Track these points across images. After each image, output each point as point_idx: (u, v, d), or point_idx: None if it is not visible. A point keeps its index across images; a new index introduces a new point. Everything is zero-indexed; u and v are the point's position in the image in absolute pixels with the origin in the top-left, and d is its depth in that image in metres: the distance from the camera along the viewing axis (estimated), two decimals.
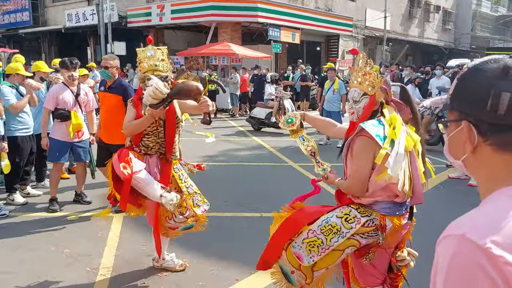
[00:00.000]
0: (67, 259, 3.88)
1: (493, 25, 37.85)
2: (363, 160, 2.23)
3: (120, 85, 4.98)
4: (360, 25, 25.10)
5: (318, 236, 2.25)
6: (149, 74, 3.20)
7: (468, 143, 0.91)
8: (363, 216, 2.26)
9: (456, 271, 0.78)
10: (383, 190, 2.23)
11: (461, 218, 0.86)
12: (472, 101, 0.90)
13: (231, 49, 16.49)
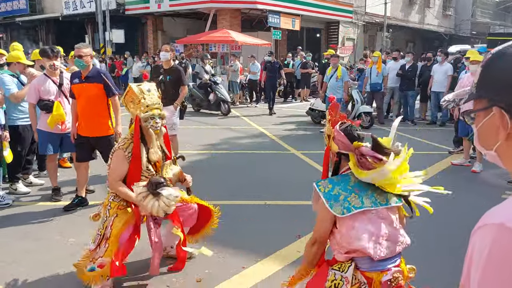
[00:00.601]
0: (72, 248, 3.87)
1: (493, 10, 37.54)
2: (322, 214, 2.19)
3: (98, 73, 4.78)
4: (360, 11, 24.88)
5: None
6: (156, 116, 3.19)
7: (502, 129, 0.88)
8: (347, 271, 2.13)
9: (496, 258, 0.76)
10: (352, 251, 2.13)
11: (497, 207, 0.84)
12: (502, 86, 0.87)
13: (230, 36, 16.36)
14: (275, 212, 4.85)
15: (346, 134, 2.21)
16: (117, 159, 3.19)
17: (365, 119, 9.96)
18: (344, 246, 2.14)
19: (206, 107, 12.71)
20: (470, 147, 6.89)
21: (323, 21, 23.28)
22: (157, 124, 3.20)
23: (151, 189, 3.03)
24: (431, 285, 3.27)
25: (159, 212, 3.03)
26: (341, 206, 2.11)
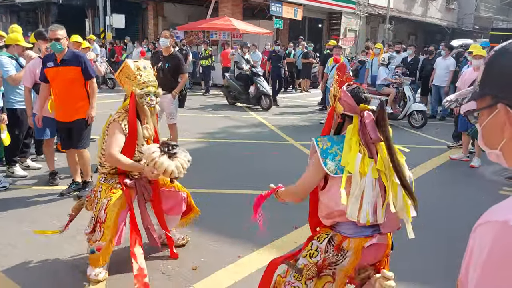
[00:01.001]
0: (68, 232, 3.86)
1: (497, 5, 37.28)
2: (309, 174, 2.18)
3: (75, 55, 4.58)
4: (363, 3, 24.69)
5: (294, 285, 2.18)
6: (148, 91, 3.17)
7: (508, 126, 0.87)
8: (321, 242, 2.16)
9: (497, 256, 0.75)
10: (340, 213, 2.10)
11: (500, 205, 0.83)
12: (506, 83, 0.86)
13: (232, 24, 16.23)
14: (272, 202, 4.83)
15: (353, 95, 2.17)
16: (114, 130, 3.14)
17: (417, 117, 9.38)
18: (330, 207, 2.11)
19: (244, 101, 11.77)
20: (469, 142, 6.88)
21: (326, 11, 23.10)
22: (152, 101, 3.19)
23: (167, 149, 3.01)
24: (428, 278, 3.28)
25: (174, 172, 2.97)
26: (335, 166, 2.07)
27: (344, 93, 2.17)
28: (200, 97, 13.50)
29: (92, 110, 4.70)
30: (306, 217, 4.40)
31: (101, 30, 19.24)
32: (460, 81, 6.93)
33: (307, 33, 24.03)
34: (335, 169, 2.07)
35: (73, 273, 3.24)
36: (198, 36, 19.08)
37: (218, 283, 3.17)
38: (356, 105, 2.14)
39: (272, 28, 18.55)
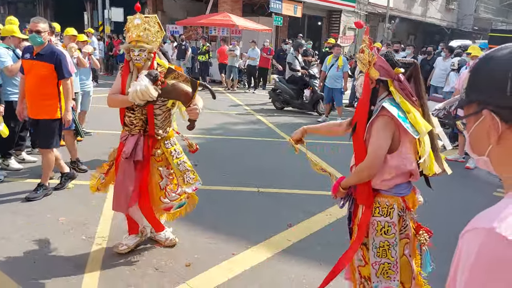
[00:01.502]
0: (63, 227, 3.86)
1: (496, 6, 37.30)
2: (384, 140, 2.17)
3: (51, 52, 4.39)
4: (363, 1, 24.65)
5: (382, 261, 2.29)
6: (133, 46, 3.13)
7: (493, 132, 0.88)
8: (392, 216, 2.27)
9: (483, 263, 0.76)
10: (402, 174, 2.23)
11: (487, 211, 0.83)
12: (490, 89, 0.88)
13: (231, 20, 16.17)
14: (267, 199, 4.85)
15: (387, 60, 2.22)
16: (116, 77, 3.32)
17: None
18: (401, 168, 2.21)
19: (297, 106, 10.81)
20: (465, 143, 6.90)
21: (325, 9, 23.04)
22: (136, 56, 3.14)
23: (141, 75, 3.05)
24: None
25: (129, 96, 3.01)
26: (412, 128, 2.15)
27: (379, 58, 2.21)
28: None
29: (67, 114, 4.52)
30: (300, 216, 4.43)
31: (100, 24, 19.14)
32: (458, 82, 6.93)
33: (307, 31, 23.97)
34: (413, 130, 2.15)
35: (68, 266, 3.23)
36: (197, 31, 19.02)
37: (211, 279, 3.17)
38: (392, 69, 2.20)
39: (272, 25, 18.50)
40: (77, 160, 5.46)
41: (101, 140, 6.79)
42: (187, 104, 3.14)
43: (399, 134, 2.19)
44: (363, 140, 2.27)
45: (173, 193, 3.46)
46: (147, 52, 3.17)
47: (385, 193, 2.29)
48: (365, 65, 2.26)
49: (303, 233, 4.00)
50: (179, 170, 3.41)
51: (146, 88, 2.94)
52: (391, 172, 2.22)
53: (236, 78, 14.80)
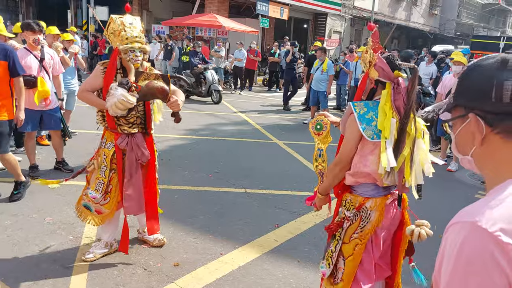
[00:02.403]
0: (49, 227, 3.84)
1: (478, 12, 38.12)
2: (349, 137, 2.25)
3: (3, 49, 4.19)
4: (349, 5, 24.92)
5: (330, 246, 2.39)
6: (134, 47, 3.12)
7: (477, 134, 0.95)
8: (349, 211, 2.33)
9: (466, 256, 0.81)
10: (362, 174, 2.26)
11: (472, 206, 0.89)
12: (476, 94, 0.95)
13: (217, 21, 16.17)
14: (254, 200, 4.89)
15: (388, 62, 2.26)
16: (93, 72, 3.25)
17: None
18: (358, 168, 2.24)
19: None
20: (447, 146, 7.06)
21: (311, 12, 23.23)
22: (137, 57, 3.16)
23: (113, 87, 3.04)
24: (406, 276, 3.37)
25: (110, 109, 3.01)
26: (372, 130, 2.19)
27: (380, 59, 2.25)
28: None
29: (20, 112, 4.35)
30: (286, 216, 4.48)
31: (84, 22, 18.92)
32: (441, 86, 7.08)
33: (293, 33, 24.12)
34: (372, 134, 2.18)
35: (55, 266, 3.22)
36: (183, 31, 18.96)
37: (199, 279, 3.19)
38: (391, 71, 2.24)
39: (258, 26, 18.57)
40: (62, 160, 5.41)
41: (86, 140, 6.74)
42: (166, 99, 3.16)
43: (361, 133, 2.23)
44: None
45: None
46: (144, 53, 3.22)
47: (353, 191, 2.36)
48: (366, 64, 2.31)
49: (290, 233, 4.05)
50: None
51: (123, 97, 2.95)
52: (351, 168, 2.29)
53: (222, 79, 14.81)
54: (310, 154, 6.53)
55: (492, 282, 0.78)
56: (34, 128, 5.06)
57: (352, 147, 2.24)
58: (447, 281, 0.84)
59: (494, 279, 0.78)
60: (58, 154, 5.40)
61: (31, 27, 4.79)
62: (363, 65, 2.36)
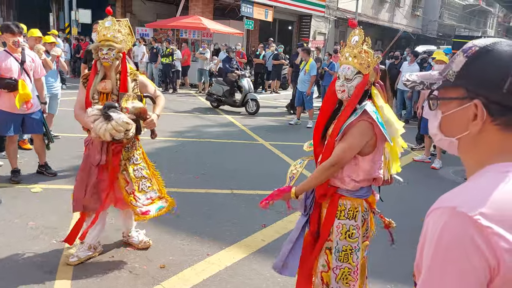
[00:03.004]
0: (32, 232, 3.76)
1: (459, 13, 38.79)
2: (357, 142, 2.19)
3: None
4: (333, 7, 25.11)
5: (343, 266, 2.30)
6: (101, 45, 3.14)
7: (479, 122, 0.91)
8: (356, 220, 2.29)
9: (446, 240, 0.82)
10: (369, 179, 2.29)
11: (452, 191, 0.90)
12: (486, 81, 0.89)
13: (202, 23, 16.14)
14: (241, 201, 4.88)
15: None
16: (79, 88, 3.31)
17: None
18: (370, 173, 2.26)
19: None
20: (431, 144, 7.15)
21: (296, 13, 23.34)
22: (105, 55, 3.14)
23: (103, 111, 3.01)
24: (392, 272, 3.40)
25: (106, 135, 2.98)
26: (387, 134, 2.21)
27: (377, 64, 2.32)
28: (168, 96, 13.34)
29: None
30: (273, 216, 4.47)
31: (66, 25, 18.68)
32: None
33: (278, 35, 24.19)
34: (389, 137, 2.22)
35: (39, 272, 3.15)
36: (167, 34, 18.87)
37: (186, 280, 3.17)
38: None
39: (243, 28, 18.59)
40: (45, 164, 5.33)
41: (69, 143, 6.65)
42: (145, 118, 3.21)
43: (375, 140, 2.21)
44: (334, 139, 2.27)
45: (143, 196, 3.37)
46: (116, 52, 3.17)
47: (350, 195, 2.30)
48: (368, 66, 2.25)
49: (277, 232, 4.05)
50: (135, 176, 3.34)
51: (124, 119, 3.00)
52: (359, 175, 2.25)
53: (207, 81, 14.77)
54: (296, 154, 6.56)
55: (472, 266, 0.79)
56: (16, 132, 4.97)
57: (357, 150, 2.21)
58: (429, 265, 0.84)
59: (473, 262, 0.79)
60: (40, 158, 5.31)
61: (11, 29, 4.71)
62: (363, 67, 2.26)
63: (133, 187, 3.35)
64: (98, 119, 3.01)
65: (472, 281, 0.79)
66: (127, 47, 3.32)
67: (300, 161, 2.63)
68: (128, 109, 3.09)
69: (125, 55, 3.29)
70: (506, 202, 0.82)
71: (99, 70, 3.23)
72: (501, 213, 0.80)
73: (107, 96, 3.25)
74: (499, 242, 0.78)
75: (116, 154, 3.29)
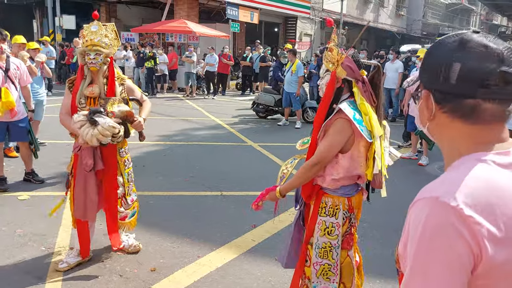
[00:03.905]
0: (20, 239, 3.73)
1: (443, 12, 39.34)
2: (337, 140, 2.20)
3: None
4: (318, 8, 25.28)
5: (322, 262, 2.32)
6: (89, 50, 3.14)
7: (427, 111, 0.99)
8: (337, 217, 2.30)
9: (430, 229, 0.84)
10: (351, 177, 2.29)
11: (434, 182, 0.92)
12: (431, 72, 0.96)
13: (188, 26, 16.13)
14: (231, 202, 4.89)
15: (354, 60, 2.25)
16: (65, 93, 3.30)
17: None
18: (350, 171, 2.25)
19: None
20: (418, 141, 7.23)
21: (281, 15, 23.45)
22: (91, 60, 3.13)
23: (88, 116, 3.00)
24: (380, 267, 3.44)
25: (93, 140, 2.98)
26: (366, 131, 2.18)
27: (347, 58, 2.23)
28: (156, 100, 13.30)
29: None
30: (263, 216, 4.48)
31: (50, 32, 18.51)
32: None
33: (264, 37, 24.27)
34: (368, 134, 2.19)
35: (28, 278, 3.12)
36: (153, 38, 18.81)
37: (177, 283, 3.16)
38: (358, 69, 2.24)
39: (229, 31, 18.61)
40: (32, 171, 5.27)
41: (56, 150, 6.59)
42: (132, 120, 3.21)
43: (354, 137, 2.22)
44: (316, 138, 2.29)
45: (129, 199, 3.44)
46: (103, 56, 3.16)
47: (332, 193, 2.31)
48: (333, 63, 2.26)
49: (267, 232, 4.06)
50: (128, 180, 3.42)
51: (110, 124, 2.99)
52: (339, 173, 2.26)
53: (194, 84, 14.76)
54: (285, 155, 6.59)
55: (456, 254, 0.81)
56: (1, 139, 4.92)
57: (336, 151, 2.22)
58: (414, 255, 0.86)
59: (458, 250, 0.81)
60: (27, 165, 5.25)
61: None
62: (329, 64, 2.29)
63: (123, 191, 3.39)
64: (84, 125, 3.01)
65: (457, 269, 0.82)
66: (114, 52, 3.32)
67: (291, 160, 2.65)
68: (114, 113, 3.09)
69: (112, 59, 3.29)
70: (486, 190, 0.85)
71: (86, 75, 3.23)
72: (482, 202, 0.83)
73: (94, 100, 3.24)
74: (481, 230, 0.81)
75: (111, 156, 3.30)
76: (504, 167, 0.89)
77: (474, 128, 0.93)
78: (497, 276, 0.83)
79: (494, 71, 0.87)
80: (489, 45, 0.89)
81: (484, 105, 0.89)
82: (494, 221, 0.82)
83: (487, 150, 0.92)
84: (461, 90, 0.90)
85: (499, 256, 0.82)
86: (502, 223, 0.83)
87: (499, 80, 0.87)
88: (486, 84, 0.87)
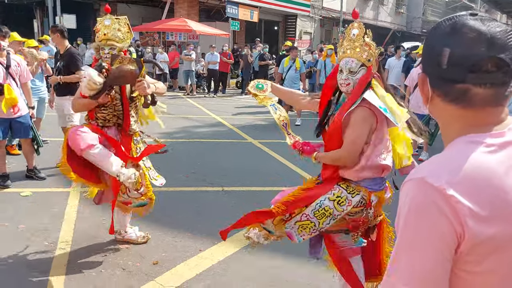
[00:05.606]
0: (23, 234, 3.76)
1: (443, 10, 39.28)
2: (363, 130, 2.24)
3: None
4: (317, 6, 25.27)
5: (311, 219, 2.32)
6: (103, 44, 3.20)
7: (423, 94, 1.02)
8: (354, 197, 2.31)
9: (414, 209, 0.88)
10: (374, 167, 2.30)
11: (423, 163, 0.96)
12: (426, 57, 0.99)
13: (188, 25, 16.15)
14: (232, 197, 4.92)
15: None
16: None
17: None
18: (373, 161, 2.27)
19: None
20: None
21: (281, 14, 23.45)
22: (106, 55, 3.20)
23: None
24: None
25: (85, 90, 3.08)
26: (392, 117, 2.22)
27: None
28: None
29: None
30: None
31: None
32: (409, 80, 7.28)
33: (264, 35, 24.27)
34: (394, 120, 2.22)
35: (32, 273, 3.15)
36: (153, 37, 18.83)
37: (179, 276, 3.20)
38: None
39: (229, 29, 18.62)
40: (34, 168, 5.31)
41: (58, 147, 6.60)
42: (133, 82, 3.16)
43: (376, 126, 2.26)
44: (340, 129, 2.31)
45: (135, 191, 3.41)
46: (117, 51, 3.22)
47: (355, 184, 2.34)
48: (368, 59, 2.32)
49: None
50: (145, 166, 3.45)
51: (89, 77, 2.99)
52: (361, 161, 2.28)
53: (194, 82, 14.78)
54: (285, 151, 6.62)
55: (440, 232, 0.85)
56: (4, 136, 4.95)
57: (364, 141, 2.25)
58: (401, 231, 0.90)
59: (441, 228, 0.84)
60: (29, 162, 5.29)
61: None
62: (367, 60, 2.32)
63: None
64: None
65: (439, 246, 0.85)
66: (127, 45, 3.37)
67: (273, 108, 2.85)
68: (111, 69, 3.10)
69: (125, 53, 3.34)
70: (472, 170, 0.87)
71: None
72: (466, 181, 0.86)
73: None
74: (463, 208, 0.83)
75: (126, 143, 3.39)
76: (496, 147, 0.90)
77: (466, 112, 0.94)
78: (485, 252, 0.86)
79: (483, 56, 0.88)
80: (481, 30, 0.90)
81: (475, 90, 0.90)
82: (478, 200, 0.84)
83: (481, 132, 0.93)
84: (451, 75, 0.92)
85: (485, 234, 0.84)
86: (488, 201, 0.85)
87: (489, 65, 0.88)
88: (476, 69, 0.89)
